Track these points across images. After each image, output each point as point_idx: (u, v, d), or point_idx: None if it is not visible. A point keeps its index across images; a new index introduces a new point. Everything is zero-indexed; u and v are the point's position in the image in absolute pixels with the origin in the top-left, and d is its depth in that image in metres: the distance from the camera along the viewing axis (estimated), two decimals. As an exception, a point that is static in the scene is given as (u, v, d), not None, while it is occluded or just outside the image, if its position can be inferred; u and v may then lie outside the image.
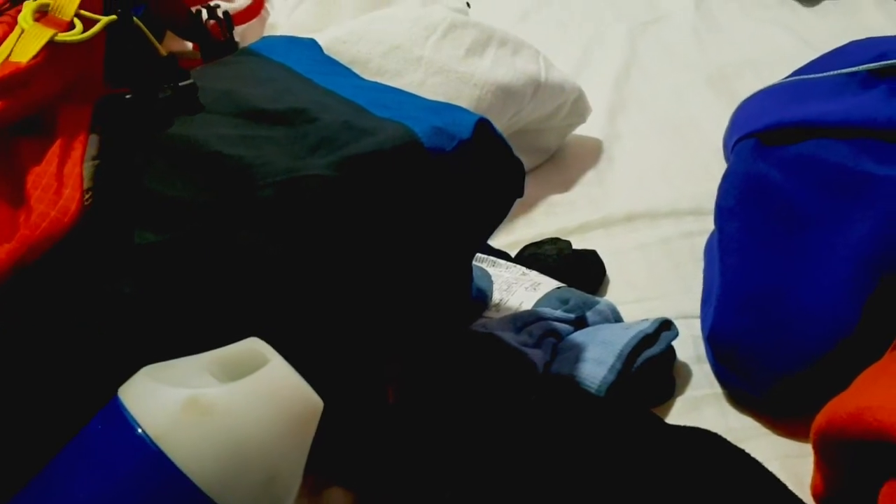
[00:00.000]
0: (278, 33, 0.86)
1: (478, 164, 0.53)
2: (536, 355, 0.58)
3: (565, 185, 0.86)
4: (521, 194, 0.58)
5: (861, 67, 0.67)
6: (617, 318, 0.67)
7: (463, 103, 0.76)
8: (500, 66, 0.79)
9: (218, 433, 0.38)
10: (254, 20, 0.93)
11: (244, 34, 0.93)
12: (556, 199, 0.85)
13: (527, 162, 0.88)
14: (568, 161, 0.90)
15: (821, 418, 0.50)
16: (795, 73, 0.73)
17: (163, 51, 0.60)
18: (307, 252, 0.47)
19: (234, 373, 0.42)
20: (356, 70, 0.76)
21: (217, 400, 0.39)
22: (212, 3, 0.90)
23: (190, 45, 0.81)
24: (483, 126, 0.52)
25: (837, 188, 0.60)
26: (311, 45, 0.69)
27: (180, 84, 0.55)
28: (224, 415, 0.38)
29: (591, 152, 0.91)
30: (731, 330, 0.60)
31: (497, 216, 0.58)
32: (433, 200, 0.51)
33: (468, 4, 0.87)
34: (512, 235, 0.81)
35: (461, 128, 0.51)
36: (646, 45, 1.10)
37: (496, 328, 0.62)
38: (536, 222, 0.82)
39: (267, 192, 0.48)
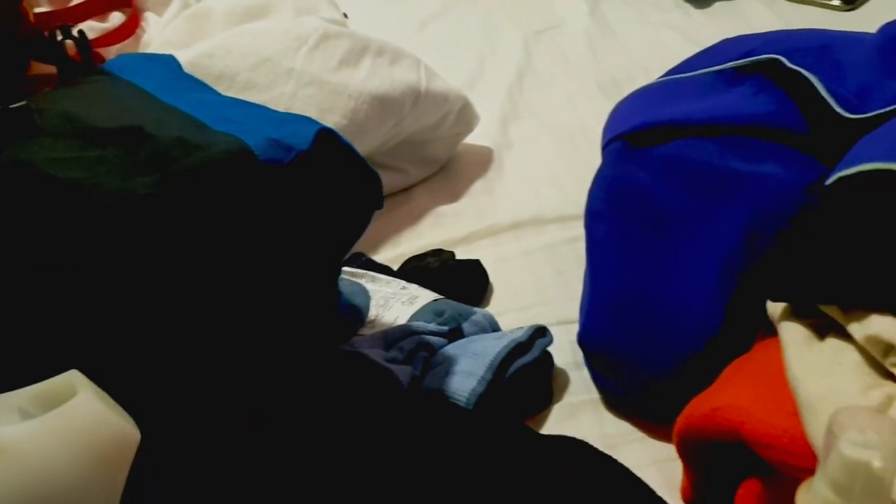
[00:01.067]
0: (153, 48, 0.83)
1: (324, 176, 0.51)
2: (404, 371, 0.56)
3: (454, 196, 0.85)
4: (379, 206, 0.56)
5: (728, 65, 0.67)
6: (494, 328, 0.65)
7: (337, 115, 0.75)
8: (376, 76, 0.78)
9: (11, 475, 0.35)
10: (129, 40, 0.90)
11: (119, 53, 0.90)
12: (444, 209, 0.83)
13: (416, 173, 0.88)
14: (458, 171, 0.89)
15: (680, 420, 0.49)
16: (668, 73, 0.73)
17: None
18: (134, 274, 0.45)
19: (49, 408, 0.39)
20: (224, 85, 0.74)
21: (12, 439, 0.36)
22: (80, 25, 0.87)
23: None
24: (326, 137, 0.50)
25: (704, 187, 0.60)
26: (168, 61, 0.66)
27: (11, 107, 0.52)
28: (19, 455, 0.35)
29: (482, 161, 0.90)
30: (600, 334, 0.59)
31: (354, 229, 0.56)
32: (275, 214, 0.49)
33: (345, 15, 0.85)
34: (398, 248, 0.79)
35: (300, 139, 0.49)
36: (540, 54, 1.09)
37: (365, 345, 0.60)
38: (423, 234, 0.80)
39: (97, 214, 0.45)
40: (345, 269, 0.72)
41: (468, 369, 0.58)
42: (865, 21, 1.06)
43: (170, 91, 0.58)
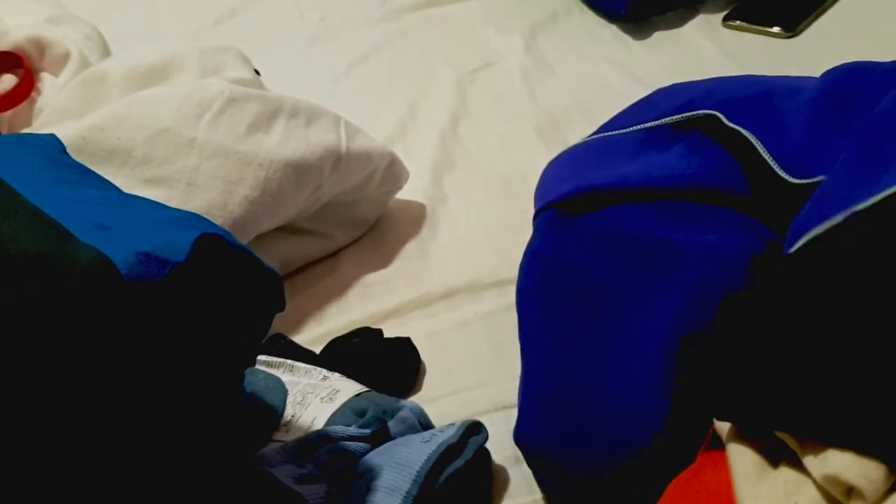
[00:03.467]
0: (43, 118, 0.76)
1: (211, 284, 0.45)
2: (317, 493, 0.50)
3: (383, 262, 0.79)
4: (281, 308, 0.50)
5: (663, 121, 0.62)
6: (425, 423, 0.59)
7: (247, 186, 0.68)
8: (290, 140, 0.72)
9: None
10: (23, 104, 0.83)
11: (11, 120, 0.82)
12: (372, 278, 0.77)
13: (342, 237, 0.81)
14: (388, 232, 0.83)
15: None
16: (599, 129, 0.68)
17: None
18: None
19: None
20: (118, 161, 0.67)
21: None
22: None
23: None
24: (208, 243, 0.44)
25: (640, 261, 0.54)
26: (48, 143, 0.59)
27: None
28: None
29: (414, 220, 0.84)
30: (536, 434, 0.54)
31: (253, 337, 0.50)
32: (151, 331, 0.43)
33: (257, 72, 0.79)
34: (322, 325, 0.73)
35: (175, 250, 0.42)
36: (475, 95, 1.04)
37: (277, 459, 0.53)
38: (350, 308, 0.74)
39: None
40: (261, 357, 0.65)
41: (392, 484, 0.52)
42: (807, 49, 1.03)
43: (41, 185, 0.51)
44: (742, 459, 0.37)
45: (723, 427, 0.41)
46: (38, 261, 0.42)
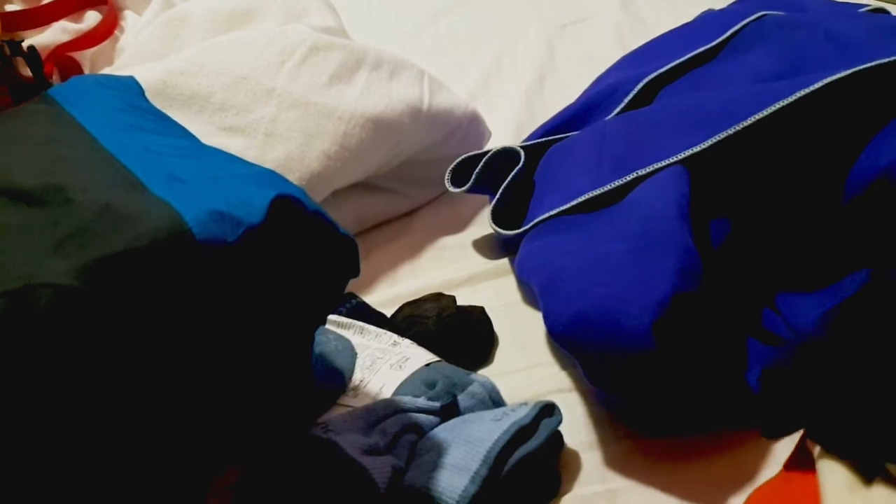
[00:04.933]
0: (124, 58, 0.75)
1: (285, 247, 0.43)
2: (383, 466, 0.48)
3: (460, 224, 0.76)
4: (355, 274, 0.48)
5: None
6: (496, 400, 0.57)
7: (326, 140, 0.66)
8: (371, 94, 0.69)
9: None
10: (106, 41, 0.82)
11: (94, 58, 0.82)
12: (447, 241, 0.74)
13: (419, 196, 0.78)
14: (465, 194, 0.80)
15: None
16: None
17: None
18: (50, 372, 0.37)
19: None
20: (196, 106, 0.66)
21: None
22: (53, 26, 0.79)
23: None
24: (284, 205, 0.42)
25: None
26: (127, 86, 0.58)
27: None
28: None
29: (494, 181, 0.81)
30: (561, 316, 0.53)
31: (327, 302, 0.48)
32: (223, 294, 0.41)
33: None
34: (395, 288, 0.70)
35: (250, 210, 0.40)
36: (563, 51, 0.99)
37: (344, 427, 0.52)
38: (424, 271, 0.72)
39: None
40: (331, 317, 0.64)
41: (460, 462, 0.49)
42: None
43: (117, 130, 0.50)
44: (833, 475, 0.34)
45: (813, 448, 0.37)
46: (106, 213, 0.40)
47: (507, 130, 0.86)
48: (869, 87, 0.56)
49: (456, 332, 0.63)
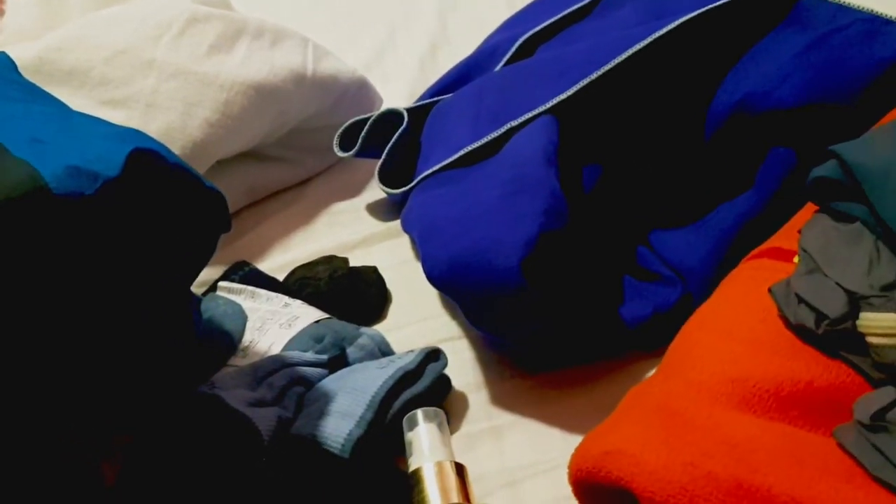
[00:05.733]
0: (2, 38, 0.73)
1: (149, 201, 0.43)
2: (268, 416, 0.49)
3: (353, 190, 0.77)
4: (226, 229, 0.48)
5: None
6: (385, 351, 0.58)
7: (207, 109, 0.66)
8: (253, 61, 0.69)
9: None
10: (-16, 24, 0.80)
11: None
12: (340, 206, 0.75)
13: (313, 164, 0.79)
14: (358, 160, 0.81)
15: (572, 461, 0.43)
16: None
17: None
18: None
19: None
20: (76, 81, 0.65)
21: None
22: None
23: None
24: (143, 158, 0.42)
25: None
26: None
27: None
28: None
29: (387, 147, 0.82)
30: (437, 262, 0.55)
31: (198, 257, 0.48)
32: (85, 248, 0.41)
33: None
34: (287, 253, 0.71)
35: (108, 165, 0.41)
36: (456, 20, 1.01)
37: (230, 384, 0.52)
38: (317, 236, 0.73)
39: None
40: (222, 283, 0.64)
41: (346, 409, 0.51)
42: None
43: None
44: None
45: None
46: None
47: (401, 97, 0.87)
48: (719, 26, 0.59)
49: (348, 292, 0.64)
